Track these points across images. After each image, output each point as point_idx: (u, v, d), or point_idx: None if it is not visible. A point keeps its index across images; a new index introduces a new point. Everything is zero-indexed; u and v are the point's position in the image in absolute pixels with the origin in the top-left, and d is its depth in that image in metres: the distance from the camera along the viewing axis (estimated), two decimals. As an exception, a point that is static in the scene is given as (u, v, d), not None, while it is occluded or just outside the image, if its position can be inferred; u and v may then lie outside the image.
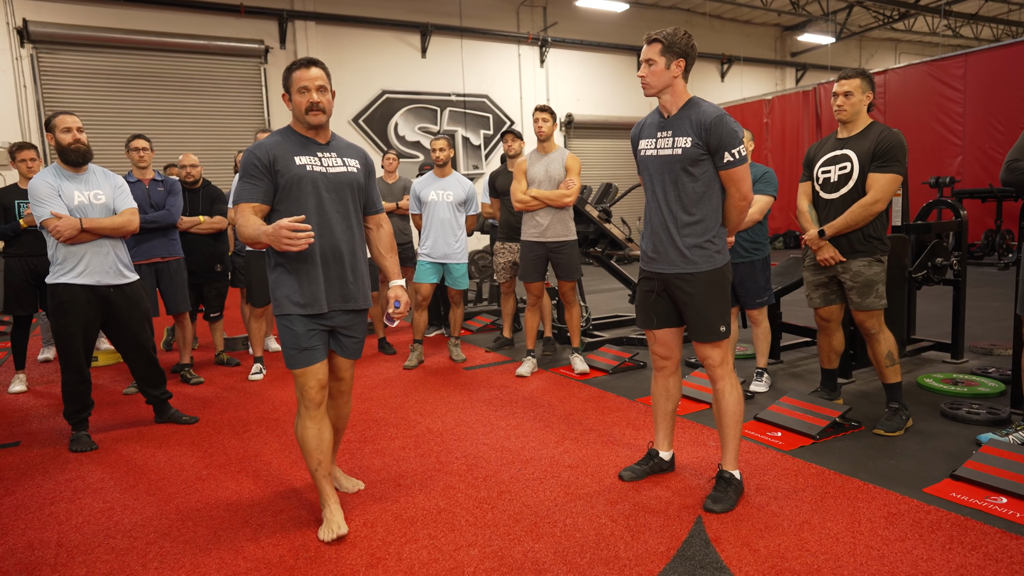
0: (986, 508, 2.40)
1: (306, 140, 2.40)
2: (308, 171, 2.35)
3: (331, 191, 2.38)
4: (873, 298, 3.19)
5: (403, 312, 2.54)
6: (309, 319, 2.36)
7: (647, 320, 2.67)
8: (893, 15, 16.66)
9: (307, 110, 2.34)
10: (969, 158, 10.63)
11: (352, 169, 2.45)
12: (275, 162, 2.32)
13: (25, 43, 10.11)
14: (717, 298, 2.51)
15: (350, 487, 2.79)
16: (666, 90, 2.47)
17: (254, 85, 11.80)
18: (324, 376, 2.41)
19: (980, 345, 4.76)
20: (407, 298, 2.56)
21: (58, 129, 3.36)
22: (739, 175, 2.43)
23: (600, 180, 6.45)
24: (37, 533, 2.50)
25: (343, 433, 2.75)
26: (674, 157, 2.44)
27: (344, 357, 2.53)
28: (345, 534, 2.36)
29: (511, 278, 5.21)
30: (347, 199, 2.43)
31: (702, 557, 2.17)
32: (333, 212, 2.39)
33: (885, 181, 3.09)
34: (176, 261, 4.53)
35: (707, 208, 2.46)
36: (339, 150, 2.46)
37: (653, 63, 2.43)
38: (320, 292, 2.35)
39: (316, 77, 2.34)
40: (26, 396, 4.50)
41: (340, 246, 2.40)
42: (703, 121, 2.38)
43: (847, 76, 3.16)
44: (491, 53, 14.09)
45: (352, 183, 2.44)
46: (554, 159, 4.39)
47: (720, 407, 2.57)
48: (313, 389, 2.38)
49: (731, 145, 2.38)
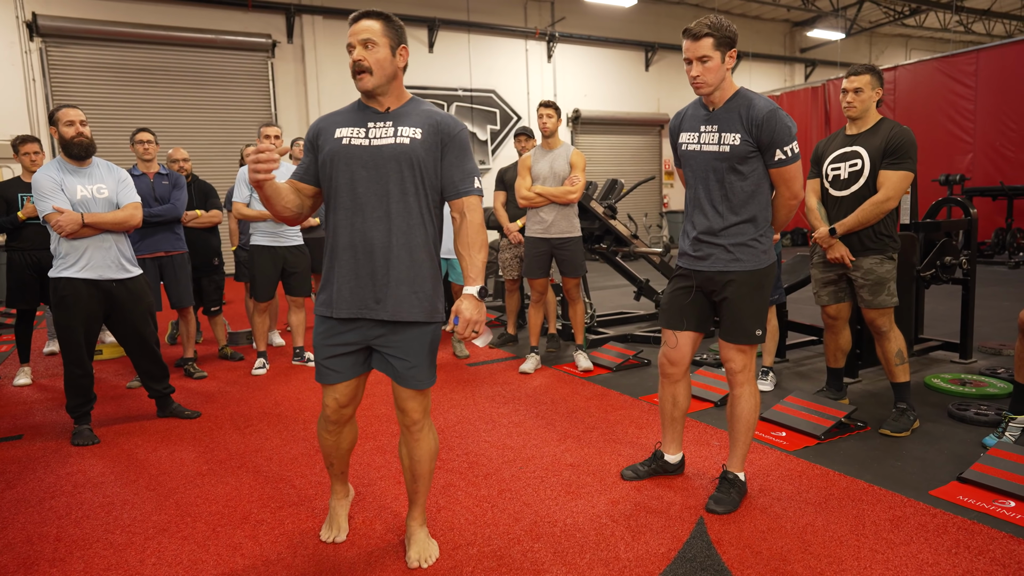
0: (994, 512, 2.36)
1: (363, 109, 2.02)
2: (342, 145, 1.97)
3: (369, 168, 1.95)
4: (884, 296, 3.16)
5: (464, 331, 1.94)
6: (333, 325, 2.02)
7: (676, 321, 2.53)
8: (904, 11, 16.48)
9: (353, 73, 1.95)
10: (980, 155, 10.52)
11: (405, 140, 1.95)
12: (318, 136, 2.03)
13: (34, 37, 10.14)
14: (758, 299, 2.39)
15: (412, 557, 2.15)
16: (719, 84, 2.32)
17: (261, 79, 11.79)
18: (346, 397, 2.10)
19: (989, 345, 4.70)
20: (472, 315, 1.94)
21: (61, 122, 3.35)
22: (791, 173, 2.30)
23: (606, 176, 6.41)
24: (36, 527, 2.50)
25: (426, 481, 2.17)
26: (722, 154, 2.31)
27: (399, 384, 2.03)
28: (341, 541, 2.31)
29: (517, 275, 5.18)
30: (389, 177, 1.95)
31: (704, 559, 2.14)
32: (368, 194, 1.95)
33: (897, 178, 3.05)
34: (180, 255, 4.53)
35: (756, 207, 2.33)
36: (401, 118, 1.99)
37: (708, 59, 2.25)
38: (341, 292, 1.99)
39: (362, 30, 1.92)
40: (30, 389, 4.52)
41: (372, 236, 1.96)
42: (755, 116, 2.25)
43: (857, 72, 3.12)
44: (498, 48, 14.04)
45: (402, 156, 1.94)
46: (559, 155, 4.36)
47: (735, 412, 2.50)
48: (330, 408, 2.12)
49: (784, 142, 2.25)
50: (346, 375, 2.07)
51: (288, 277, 4.75)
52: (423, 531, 2.21)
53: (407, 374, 2.01)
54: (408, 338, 2.00)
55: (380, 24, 1.94)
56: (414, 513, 2.21)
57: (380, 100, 2.01)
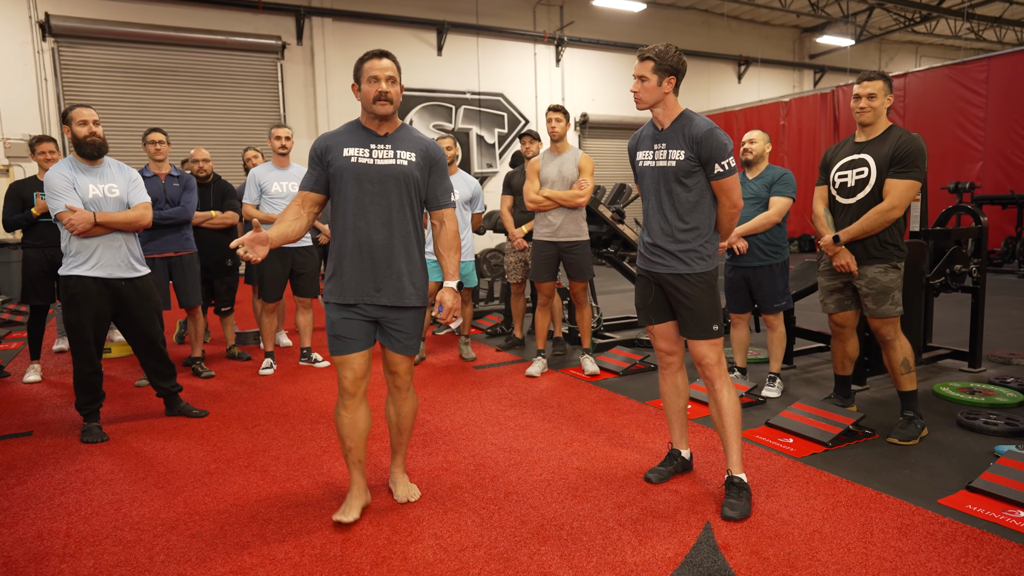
0: (1003, 521, 2.35)
1: (365, 132, 2.43)
2: (352, 163, 2.38)
3: (374, 183, 2.38)
4: (888, 305, 3.13)
5: (446, 317, 2.43)
6: (343, 310, 2.41)
7: (646, 317, 2.77)
8: (915, 17, 16.44)
9: (375, 99, 2.35)
10: (990, 163, 10.47)
11: (404, 162, 2.41)
12: (327, 152, 2.41)
13: (47, 37, 10.23)
14: (709, 298, 2.60)
15: (400, 496, 2.65)
16: (658, 104, 2.57)
17: (271, 81, 11.85)
18: (360, 368, 2.45)
19: (998, 354, 4.67)
20: (452, 302, 2.44)
21: (74, 122, 3.38)
22: (728, 185, 2.52)
23: (614, 181, 6.41)
24: (47, 523, 2.52)
25: (408, 434, 2.66)
26: (668, 169, 2.56)
27: (393, 351, 2.50)
28: (349, 522, 2.42)
29: (521, 279, 5.19)
30: (391, 192, 2.39)
31: (710, 564, 2.14)
32: (372, 205, 2.38)
33: (903, 187, 3.03)
34: (189, 255, 4.56)
35: (700, 216, 2.57)
36: (398, 142, 2.44)
37: (646, 80, 2.52)
38: (348, 282, 2.39)
39: (387, 67, 2.37)
40: (40, 386, 4.55)
41: (374, 239, 2.39)
42: (695, 135, 2.49)
43: (870, 78, 3.11)
44: (507, 52, 14.07)
45: (401, 176, 2.40)
46: (567, 159, 4.37)
47: (720, 407, 2.60)
48: (347, 379, 2.44)
49: (721, 157, 2.47)
50: (361, 343, 2.44)
51: (296, 278, 4.77)
52: (405, 475, 2.73)
53: (406, 343, 2.50)
54: (408, 317, 2.47)
55: (396, 65, 2.42)
56: (397, 461, 2.71)
57: (385, 125, 2.43)
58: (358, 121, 2.47)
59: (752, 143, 3.89)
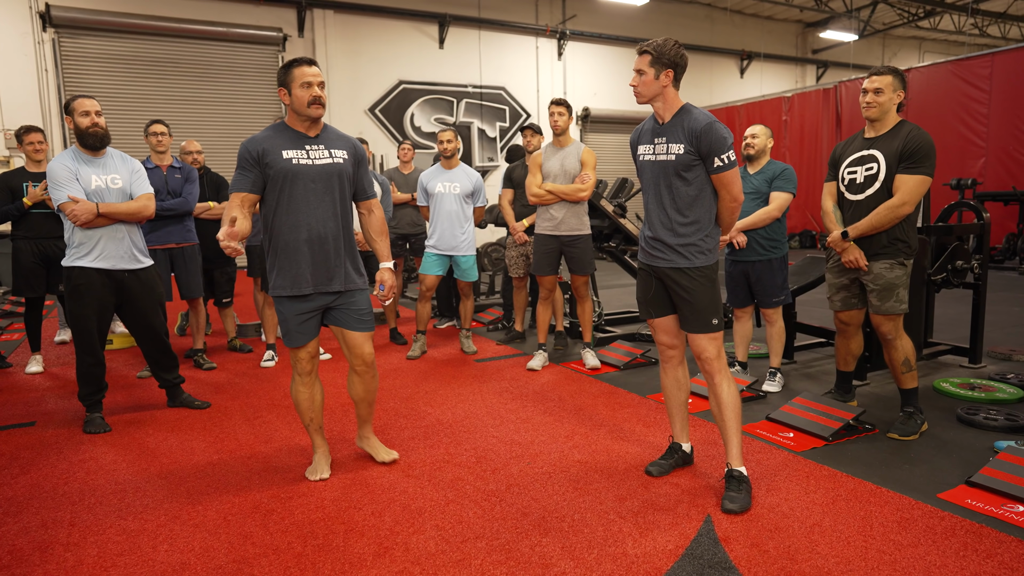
0: (1002, 516, 2.36)
1: (296, 134, 2.62)
2: (294, 164, 2.57)
3: (317, 181, 2.60)
4: (893, 302, 3.13)
5: (387, 295, 2.78)
6: (297, 303, 2.64)
7: (647, 311, 2.78)
8: (919, 13, 16.38)
9: (310, 103, 2.55)
10: (992, 160, 10.46)
11: (339, 160, 2.65)
12: (264, 155, 2.56)
13: (47, 27, 10.20)
14: (709, 292, 2.60)
15: (386, 457, 2.95)
16: (657, 98, 2.56)
17: (272, 73, 11.82)
18: (314, 350, 2.76)
19: (999, 350, 4.68)
20: (392, 281, 2.80)
21: (77, 112, 3.37)
22: (728, 179, 2.52)
23: (616, 175, 6.41)
24: (51, 512, 2.53)
25: (374, 405, 2.96)
26: (668, 162, 2.56)
27: (352, 330, 2.73)
28: (326, 478, 2.76)
29: (523, 273, 5.19)
30: (334, 188, 2.63)
31: (711, 556, 2.15)
32: (317, 201, 2.61)
33: (913, 183, 3.01)
34: (191, 247, 4.56)
35: (700, 210, 2.57)
36: (328, 142, 2.66)
37: (644, 73, 2.52)
38: (303, 274, 2.61)
39: (318, 74, 2.58)
40: (42, 377, 4.56)
41: (325, 232, 2.62)
42: (694, 129, 2.48)
43: (879, 72, 3.08)
44: (509, 45, 14.03)
45: (339, 173, 2.64)
46: (569, 153, 4.37)
47: (720, 401, 2.61)
48: (303, 361, 2.75)
49: (720, 151, 2.47)
50: (312, 335, 2.72)
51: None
52: (376, 438, 3.04)
53: (360, 319, 2.74)
54: (360, 296, 2.74)
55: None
56: (368, 428, 3.01)
57: (313, 127, 2.64)
58: (283, 123, 2.65)
59: (755, 138, 3.89)
